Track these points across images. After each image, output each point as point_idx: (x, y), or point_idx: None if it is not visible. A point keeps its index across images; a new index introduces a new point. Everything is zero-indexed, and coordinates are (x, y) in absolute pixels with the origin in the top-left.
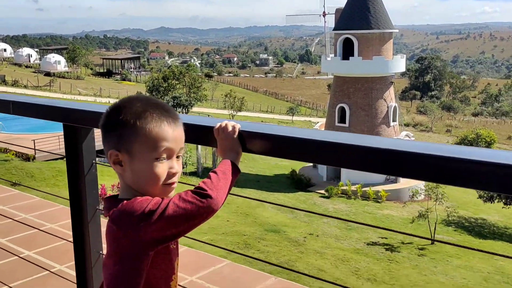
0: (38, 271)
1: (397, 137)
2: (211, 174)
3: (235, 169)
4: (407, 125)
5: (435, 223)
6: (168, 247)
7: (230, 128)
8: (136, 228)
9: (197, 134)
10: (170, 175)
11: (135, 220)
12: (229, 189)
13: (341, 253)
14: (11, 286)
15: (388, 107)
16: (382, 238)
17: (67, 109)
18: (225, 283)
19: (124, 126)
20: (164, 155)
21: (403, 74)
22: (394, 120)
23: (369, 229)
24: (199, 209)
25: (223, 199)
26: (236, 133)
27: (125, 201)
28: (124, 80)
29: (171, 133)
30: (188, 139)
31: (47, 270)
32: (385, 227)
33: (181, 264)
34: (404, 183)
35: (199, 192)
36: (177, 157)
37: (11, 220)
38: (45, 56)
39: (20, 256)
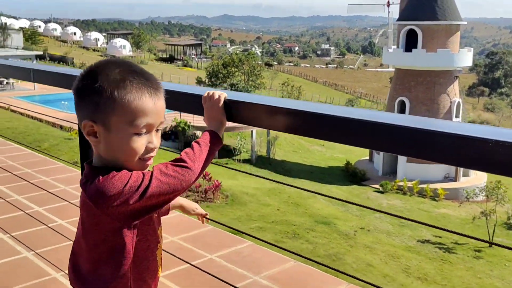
0: (65, 239)
1: None
2: (194, 144)
3: (217, 140)
4: (472, 122)
5: (495, 225)
6: (151, 218)
7: (216, 97)
8: (117, 206)
9: (186, 102)
10: (148, 149)
11: (116, 199)
12: (210, 160)
13: (392, 250)
14: (37, 252)
15: (451, 102)
16: (436, 236)
17: None
18: (243, 263)
19: (100, 94)
20: (144, 130)
21: (471, 69)
22: (457, 116)
23: (422, 227)
24: (182, 182)
25: (203, 170)
26: (221, 102)
27: (101, 177)
28: (185, 66)
29: (152, 105)
30: (177, 107)
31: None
32: (439, 226)
33: (203, 242)
34: (464, 182)
35: (180, 164)
36: (156, 130)
37: (45, 192)
38: (111, 41)
39: (49, 225)
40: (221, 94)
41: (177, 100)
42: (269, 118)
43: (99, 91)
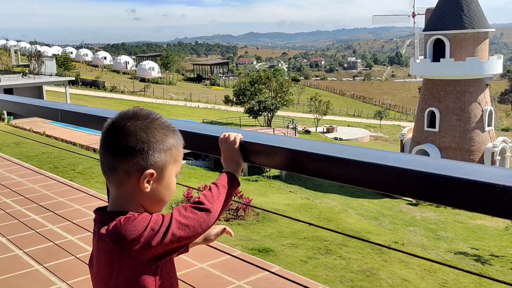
0: None
1: (493, 142)
2: (212, 186)
3: (235, 182)
4: (506, 130)
5: None
6: (171, 257)
7: (232, 138)
8: (140, 248)
9: (204, 143)
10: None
11: (139, 240)
12: (228, 202)
13: (428, 263)
14: (69, 283)
15: (482, 111)
16: (473, 249)
17: (106, 118)
18: None
19: (155, 144)
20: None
21: (503, 75)
22: (489, 125)
23: (459, 239)
24: (201, 224)
25: (221, 212)
26: (237, 144)
27: (122, 218)
28: (213, 85)
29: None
30: (194, 147)
31: None
32: (475, 238)
33: (231, 268)
34: None
35: (199, 206)
36: None
37: (78, 220)
38: (140, 63)
39: (82, 255)
40: (237, 135)
41: (194, 141)
42: (285, 160)
43: (151, 142)
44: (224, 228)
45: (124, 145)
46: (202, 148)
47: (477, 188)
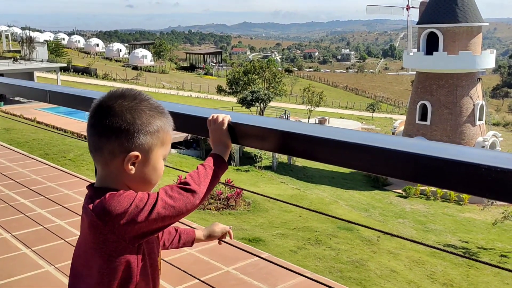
0: None
1: (484, 136)
2: (199, 167)
3: (222, 164)
4: (496, 124)
5: None
6: (153, 236)
7: (220, 120)
8: (124, 223)
9: (192, 124)
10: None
11: (123, 216)
12: (215, 184)
13: (416, 255)
14: (57, 266)
15: (474, 105)
16: (462, 242)
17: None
18: (259, 275)
19: (141, 126)
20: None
21: (495, 70)
22: (480, 119)
23: (447, 232)
24: (186, 205)
25: (206, 194)
26: (225, 125)
27: (107, 194)
28: (206, 74)
29: (172, 135)
30: (183, 129)
31: None
32: (464, 231)
33: (219, 254)
34: None
35: (185, 187)
36: None
37: (67, 205)
38: (133, 51)
39: (70, 239)
40: (225, 117)
41: (183, 123)
42: (273, 141)
43: (136, 124)
44: (228, 231)
45: (109, 125)
46: (190, 129)
47: (462, 168)
